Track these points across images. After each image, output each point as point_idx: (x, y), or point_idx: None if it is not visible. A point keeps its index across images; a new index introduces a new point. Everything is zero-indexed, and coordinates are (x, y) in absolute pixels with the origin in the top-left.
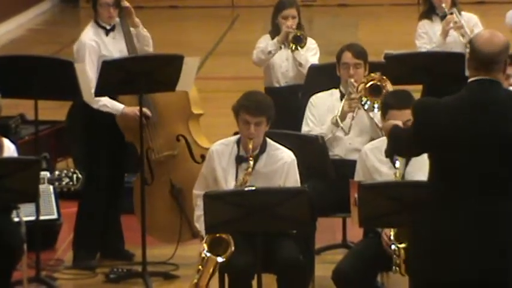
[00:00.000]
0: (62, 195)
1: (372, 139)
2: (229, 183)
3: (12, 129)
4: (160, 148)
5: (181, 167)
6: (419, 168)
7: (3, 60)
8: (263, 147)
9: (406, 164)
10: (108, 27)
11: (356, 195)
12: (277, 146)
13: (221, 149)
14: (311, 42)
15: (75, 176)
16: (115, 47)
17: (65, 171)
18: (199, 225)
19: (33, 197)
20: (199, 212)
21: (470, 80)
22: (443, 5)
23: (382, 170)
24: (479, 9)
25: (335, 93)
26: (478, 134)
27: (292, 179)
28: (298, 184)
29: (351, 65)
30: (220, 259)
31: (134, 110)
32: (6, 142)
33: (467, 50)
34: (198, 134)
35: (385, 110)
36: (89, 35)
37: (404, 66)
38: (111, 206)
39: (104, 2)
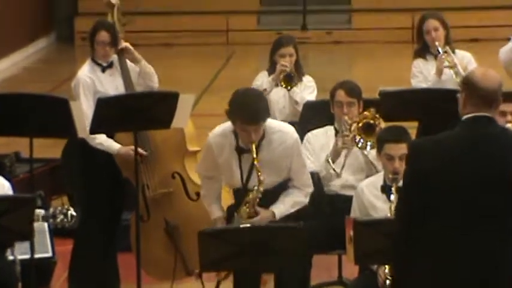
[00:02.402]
0: (56, 233)
1: (367, 177)
2: (234, 172)
3: (7, 167)
4: (155, 186)
5: (177, 204)
6: None
7: None
8: (262, 134)
9: None
10: (104, 64)
11: (351, 233)
12: (275, 128)
13: (220, 141)
14: (308, 80)
15: (69, 213)
16: (111, 84)
17: (59, 208)
18: (207, 204)
19: (28, 235)
20: (205, 191)
21: (465, 116)
22: (437, 43)
23: (378, 206)
24: (473, 46)
25: (330, 130)
26: (476, 170)
27: (298, 160)
28: (305, 164)
29: (344, 103)
30: None
31: (129, 150)
32: (1, 180)
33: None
34: (193, 171)
35: (380, 145)
36: (84, 71)
37: (399, 103)
38: (108, 244)
39: (100, 40)
